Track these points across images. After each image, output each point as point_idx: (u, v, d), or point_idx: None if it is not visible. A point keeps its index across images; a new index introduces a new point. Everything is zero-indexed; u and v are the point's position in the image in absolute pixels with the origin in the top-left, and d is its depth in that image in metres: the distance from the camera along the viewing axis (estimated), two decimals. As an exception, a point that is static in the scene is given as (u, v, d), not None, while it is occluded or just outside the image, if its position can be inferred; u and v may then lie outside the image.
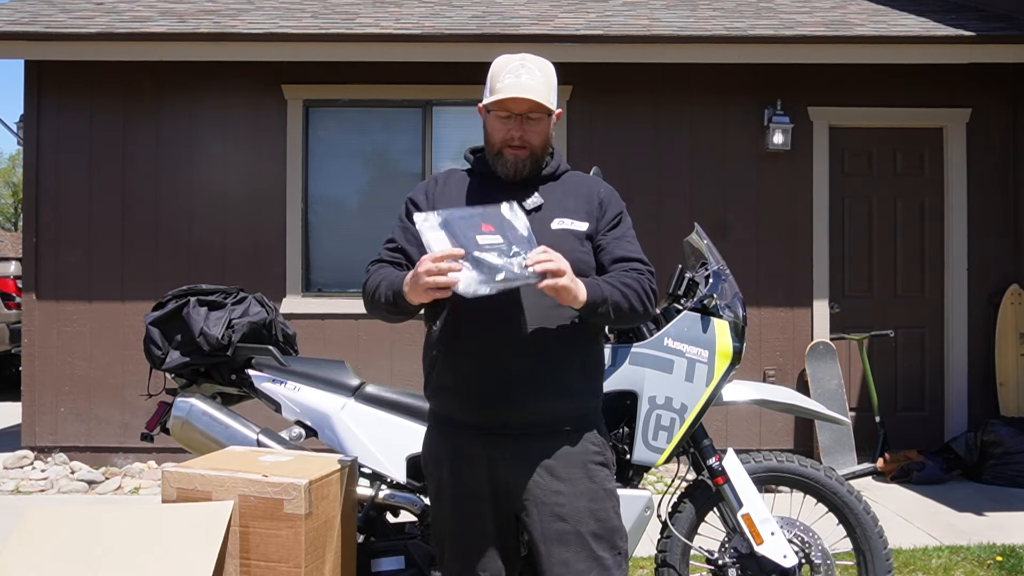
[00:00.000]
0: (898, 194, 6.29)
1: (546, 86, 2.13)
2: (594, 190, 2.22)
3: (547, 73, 2.17)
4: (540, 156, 2.17)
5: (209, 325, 2.87)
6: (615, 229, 2.18)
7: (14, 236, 27.30)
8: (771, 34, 5.77)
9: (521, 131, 2.12)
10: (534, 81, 2.11)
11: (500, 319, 2.02)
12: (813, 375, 5.88)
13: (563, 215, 2.12)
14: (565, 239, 2.08)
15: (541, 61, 2.18)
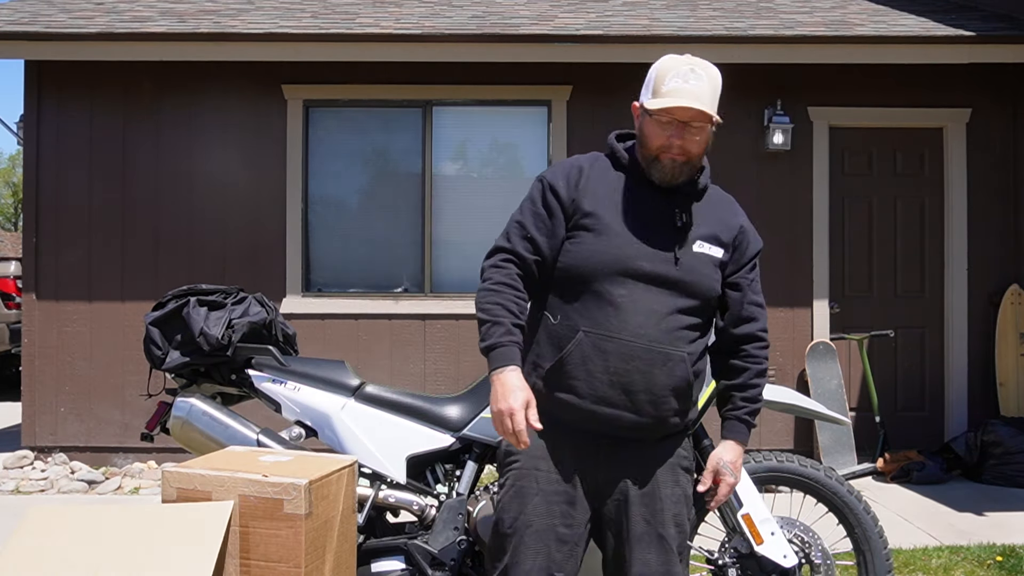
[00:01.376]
0: (898, 194, 6.29)
1: (712, 94, 2.06)
2: (736, 220, 2.23)
3: (714, 80, 2.08)
4: (696, 165, 2.13)
5: (209, 325, 2.87)
6: (753, 271, 2.23)
7: (14, 236, 27.30)
8: (771, 34, 5.77)
9: (681, 139, 2.06)
10: (701, 88, 2.04)
11: (630, 324, 2.03)
12: (813, 375, 5.88)
13: (705, 239, 2.13)
14: (704, 263, 2.11)
15: (708, 67, 2.09)
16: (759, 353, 2.19)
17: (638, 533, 2.06)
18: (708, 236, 2.13)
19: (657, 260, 2.06)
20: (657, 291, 2.05)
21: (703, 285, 2.09)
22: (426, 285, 6.10)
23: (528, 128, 6.22)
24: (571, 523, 2.07)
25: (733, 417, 2.17)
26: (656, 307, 2.04)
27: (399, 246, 6.16)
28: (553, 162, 6.11)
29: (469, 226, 6.18)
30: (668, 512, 2.09)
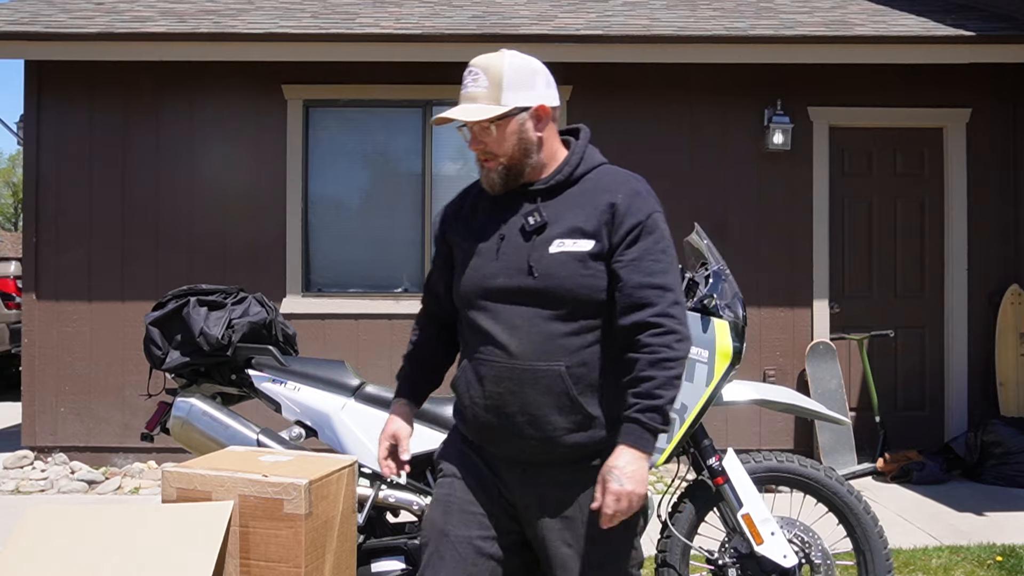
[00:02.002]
0: (898, 194, 6.29)
1: (492, 89, 1.90)
2: (609, 196, 1.91)
3: (494, 73, 1.91)
4: (517, 163, 1.93)
5: (209, 325, 2.87)
6: (632, 247, 1.87)
7: (14, 236, 27.30)
8: (771, 34, 5.77)
9: (480, 144, 1.92)
10: (476, 90, 1.91)
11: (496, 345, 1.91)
12: (813, 375, 5.88)
13: (565, 234, 1.88)
14: (564, 263, 1.86)
15: (490, 60, 1.94)
16: (654, 341, 1.82)
17: (561, 558, 1.91)
18: (568, 231, 1.88)
19: (512, 273, 1.89)
20: (518, 306, 1.88)
21: (566, 288, 1.85)
22: (426, 285, 6.09)
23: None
24: (490, 536, 1.94)
25: (625, 418, 1.82)
26: (518, 323, 1.88)
27: (399, 246, 6.16)
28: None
29: (469, 226, 6.17)
30: (594, 535, 1.90)
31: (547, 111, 1.95)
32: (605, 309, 1.88)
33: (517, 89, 1.91)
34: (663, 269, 1.87)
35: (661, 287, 1.85)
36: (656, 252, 1.88)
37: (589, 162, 1.99)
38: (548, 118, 1.97)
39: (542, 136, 1.96)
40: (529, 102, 1.92)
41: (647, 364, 1.81)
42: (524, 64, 1.95)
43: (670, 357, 1.82)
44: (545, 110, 1.95)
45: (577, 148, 2.01)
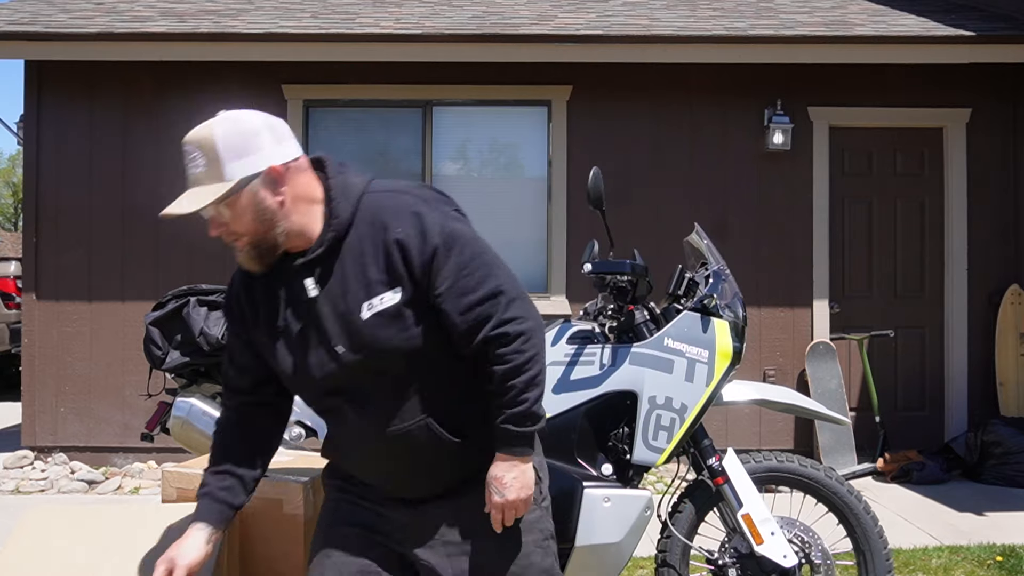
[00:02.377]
0: (898, 194, 6.29)
1: (211, 167, 1.63)
2: (391, 232, 1.68)
3: (208, 148, 1.63)
4: (263, 237, 1.68)
5: (209, 325, 2.87)
6: (439, 275, 1.68)
7: (14, 236, 27.29)
8: (771, 34, 5.77)
9: (220, 227, 1.69)
10: (198, 171, 1.65)
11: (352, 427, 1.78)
12: (813, 375, 5.88)
13: (366, 295, 1.68)
14: (381, 327, 1.68)
15: (200, 134, 1.65)
16: (503, 351, 1.70)
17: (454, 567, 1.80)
18: (367, 291, 1.69)
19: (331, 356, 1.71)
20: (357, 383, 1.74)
21: (393, 348, 1.68)
22: (426, 285, 6.08)
23: (528, 128, 6.22)
24: (375, 557, 1.82)
25: (496, 427, 1.73)
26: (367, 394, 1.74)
27: (399, 246, 6.15)
28: (553, 162, 6.12)
29: (469, 226, 6.17)
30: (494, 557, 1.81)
31: (278, 172, 1.66)
32: (443, 344, 1.73)
33: (237, 158, 1.63)
34: (481, 277, 1.71)
35: (487, 296, 1.71)
36: (466, 266, 1.70)
37: (349, 200, 1.73)
38: (284, 178, 1.67)
39: (283, 199, 1.68)
40: (256, 168, 1.64)
41: (503, 375, 1.71)
42: (240, 128, 1.65)
43: (523, 361, 1.71)
44: (276, 171, 1.66)
45: (333, 193, 1.73)
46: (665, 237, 5.86)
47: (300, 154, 1.73)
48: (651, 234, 5.94)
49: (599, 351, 2.64)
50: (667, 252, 4.61)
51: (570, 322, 2.75)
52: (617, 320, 2.71)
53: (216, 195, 1.62)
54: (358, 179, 1.80)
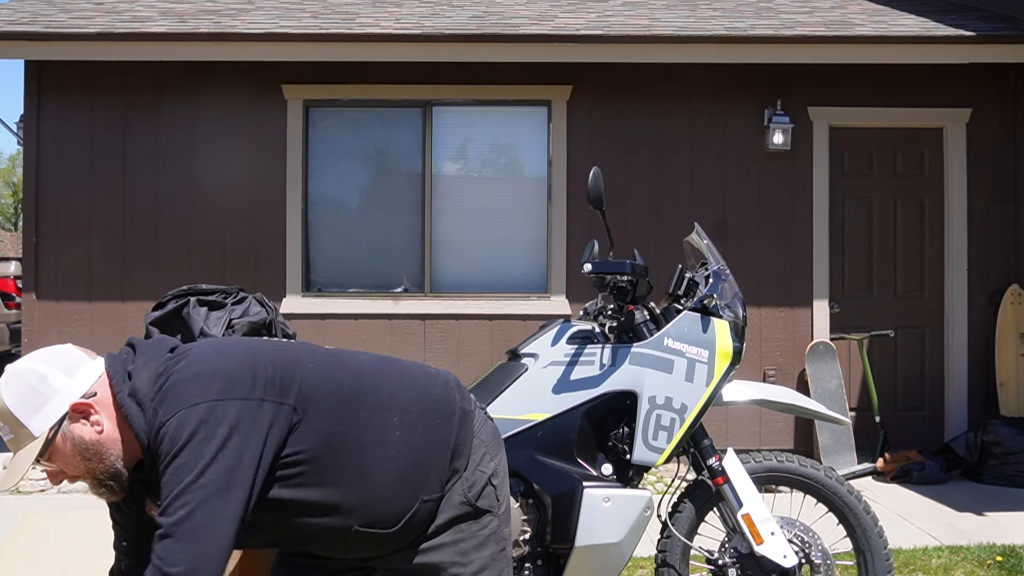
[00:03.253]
0: (898, 194, 6.28)
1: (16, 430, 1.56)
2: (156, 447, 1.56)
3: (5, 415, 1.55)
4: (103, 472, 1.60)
5: (209, 325, 2.87)
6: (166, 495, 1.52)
7: (14, 236, 27.29)
8: (771, 34, 5.77)
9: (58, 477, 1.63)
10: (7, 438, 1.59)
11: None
12: (813, 375, 5.88)
13: None
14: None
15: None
16: None
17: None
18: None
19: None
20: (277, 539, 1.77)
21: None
22: (426, 285, 6.10)
23: (528, 128, 6.22)
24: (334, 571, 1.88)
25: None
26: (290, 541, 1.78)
27: (399, 246, 6.16)
28: (553, 162, 6.12)
29: (469, 226, 6.18)
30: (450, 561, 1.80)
31: (83, 406, 1.58)
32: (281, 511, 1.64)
33: (35, 411, 1.56)
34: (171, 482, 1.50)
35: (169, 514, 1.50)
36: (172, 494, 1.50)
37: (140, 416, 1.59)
38: (90, 408, 1.59)
39: (101, 428, 1.59)
40: (59, 412, 1.57)
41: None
42: (25, 381, 1.57)
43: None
44: (78, 407, 1.57)
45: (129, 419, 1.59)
46: (665, 237, 5.87)
47: (100, 371, 1.63)
48: (651, 234, 5.95)
49: (599, 351, 2.64)
50: (667, 252, 4.61)
51: (570, 322, 2.75)
52: (617, 320, 2.71)
53: (34, 455, 1.55)
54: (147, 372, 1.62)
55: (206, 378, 1.56)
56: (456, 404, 1.83)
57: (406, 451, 1.72)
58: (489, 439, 1.87)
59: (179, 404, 1.53)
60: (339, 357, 1.77)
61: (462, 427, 1.81)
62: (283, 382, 1.61)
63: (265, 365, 1.62)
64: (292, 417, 1.60)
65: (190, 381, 1.56)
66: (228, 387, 1.55)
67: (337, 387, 1.68)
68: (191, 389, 1.54)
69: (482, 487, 1.80)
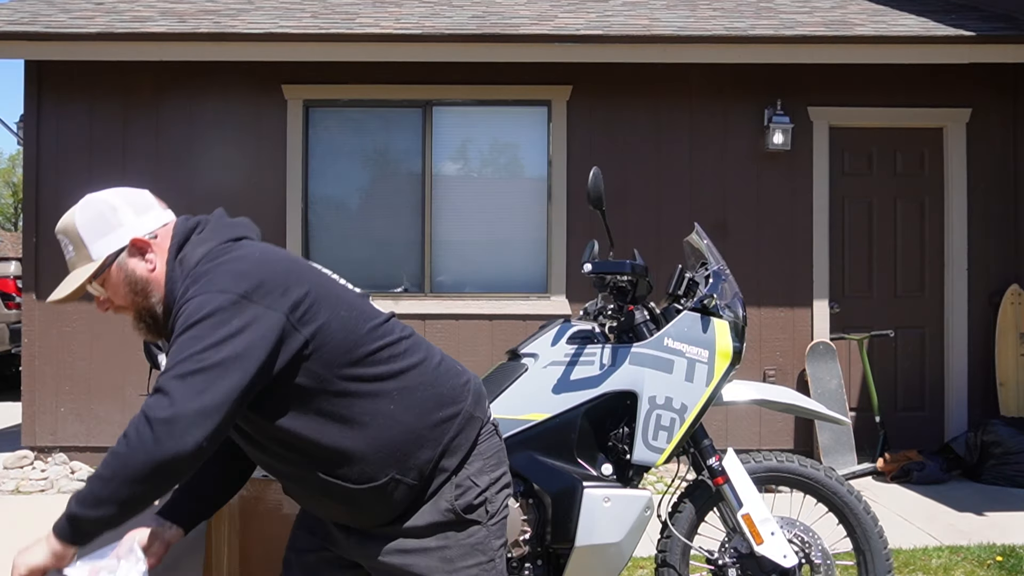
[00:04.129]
0: (898, 194, 6.29)
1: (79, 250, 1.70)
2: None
3: (72, 234, 1.71)
4: (142, 308, 1.72)
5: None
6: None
7: (14, 236, 27.29)
8: (771, 34, 5.77)
9: (103, 305, 1.76)
10: (70, 257, 1.73)
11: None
12: (813, 375, 5.88)
13: None
14: None
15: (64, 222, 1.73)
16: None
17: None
18: None
19: None
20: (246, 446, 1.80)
21: None
22: (426, 285, 6.10)
23: (528, 128, 6.22)
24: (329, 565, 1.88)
25: None
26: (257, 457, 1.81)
27: (399, 246, 6.16)
28: (553, 162, 6.12)
29: (469, 226, 6.18)
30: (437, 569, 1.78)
31: (143, 242, 1.70)
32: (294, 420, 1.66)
33: (100, 236, 1.70)
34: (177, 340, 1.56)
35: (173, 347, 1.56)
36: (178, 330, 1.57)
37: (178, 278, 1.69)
38: (150, 247, 1.71)
39: (154, 268, 1.71)
40: (120, 243, 1.70)
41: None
42: (98, 208, 1.72)
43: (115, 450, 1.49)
44: (140, 242, 1.70)
45: (167, 273, 1.71)
46: (665, 237, 5.87)
47: (169, 220, 1.76)
48: (651, 234, 5.95)
49: (599, 351, 2.64)
50: (667, 252, 4.61)
51: (570, 322, 2.75)
52: (617, 320, 2.71)
53: (87, 275, 1.68)
54: (201, 251, 1.70)
55: (242, 275, 1.61)
56: (465, 407, 1.82)
57: (392, 426, 1.72)
58: (490, 452, 1.86)
59: (208, 287, 1.59)
60: (377, 320, 1.77)
61: (462, 430, 1.80)
62: (308, 313, 1.64)
63: (301, 287, 1.66)
64: (301, 348, 1.62)
65: (227, 272, 1.61)
66: (258, 291, 1.59)
67: (353, 345, 1.69)
68: (224, 279, 1.60)
69: (472, 498, 1.79)
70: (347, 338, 1.69)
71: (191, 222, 1.77)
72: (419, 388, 1.76)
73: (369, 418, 1.70)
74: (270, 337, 1.57)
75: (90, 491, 1.49)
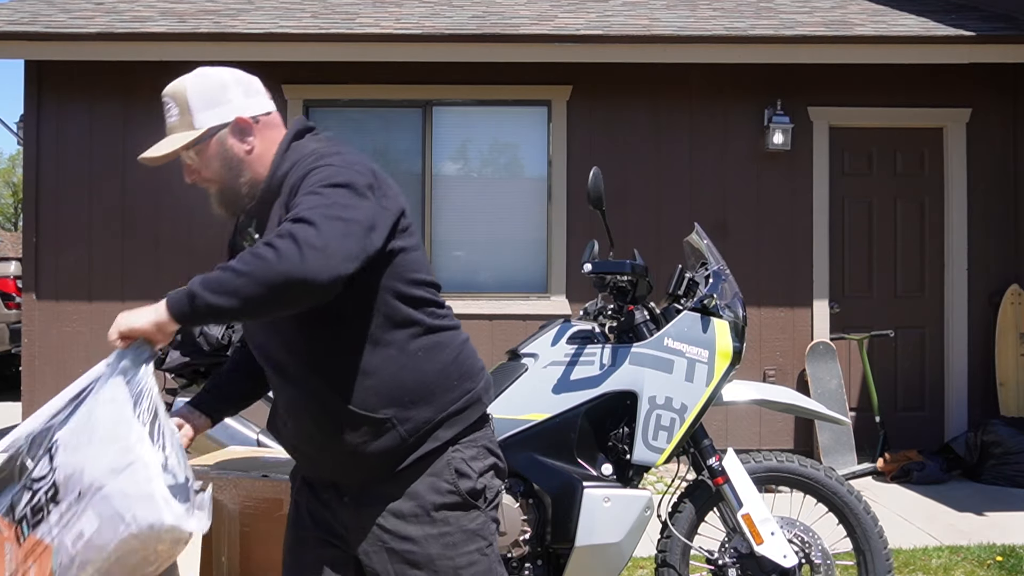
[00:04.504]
0: (898, 194, 6.29)
1: (183, 116, 1.77)
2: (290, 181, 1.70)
3: (180, 99, 1.78)
4: (228, 185, 1.80)
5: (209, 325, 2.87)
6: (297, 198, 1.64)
7: (14, 236, 27.29)
8: (771, 34, 5.77)
9: (191, 174, 1.84)
10: (172, 120, 1.80)
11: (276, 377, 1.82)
12: (813, 375, 5.88)
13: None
14: None
15: (175, 87, 1.81)
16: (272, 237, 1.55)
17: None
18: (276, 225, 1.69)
19: None
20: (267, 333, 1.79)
21: None
22: (426, 285, 6.09)
23: (528, 128, 6.22)
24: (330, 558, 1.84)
25: None
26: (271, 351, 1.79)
27: (399, 246, 6.15)
28: (553, 162, 6.12)
29: (469, 226, 6.18)
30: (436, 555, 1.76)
31: (246, 122, 1.76)
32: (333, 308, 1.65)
33: (207, 108, 1.76)
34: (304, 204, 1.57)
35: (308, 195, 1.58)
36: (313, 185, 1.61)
37: (291, 160, 1.75)
38: (252, 129, 1.77)
39: (251, 149, 1.77)
40: (224, 118, 1.75)
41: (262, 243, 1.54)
42: (210, 81, 1.79)
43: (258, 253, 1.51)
44: (244, 122, 1.75)
45: (277, 152, 1.78)
46: (665, 237, 5.87)
47: (272, 110, 1.82)
48: (651, 234, 5.94)
49: (599, 351, 2.65)
50: (667, 252, 4.61)
51: (570, 322, 2.75)
52: (617, 320, 2.71)
53: (185, 141, 1.74)
54: (317, 145, 1.77)
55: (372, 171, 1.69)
56: (478, 387, 1.84)
57: (413, 368, 1.73)
58: (484, 441, 1.86)
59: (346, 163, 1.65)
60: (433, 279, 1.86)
61: (468, 407, 1.81)
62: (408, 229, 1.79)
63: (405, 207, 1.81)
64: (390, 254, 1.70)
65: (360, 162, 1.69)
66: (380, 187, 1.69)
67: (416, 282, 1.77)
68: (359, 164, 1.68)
69: (473, 483, 1.79)
70: (415, 272, 1.76)
71: (309, 123, 1.85)
72: (447, 349, 1.80)
73: (396, 351, 1.72)
74: (389, 227, 1.68)
75: (219, 279, 1.52)
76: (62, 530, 1.55)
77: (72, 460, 1.57)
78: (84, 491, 1.54)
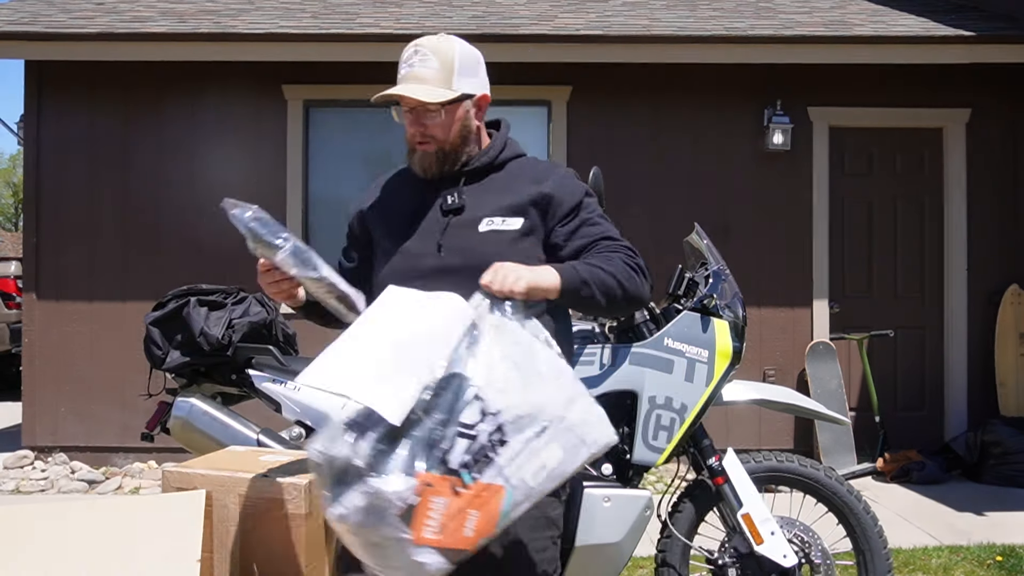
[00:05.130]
0: (898, 194, 6.29)
1: (442, 72, 1.90)
2: (539, 186, 1.95)
3: (445, 57, 1.90)
4: (452, 150, 1.96)
5: (209, 325, 2.87)
6: (570, 222, 1.96)
7: (14, 236, 27.30)
8: (771, 34, 5.77)
9: (421, 126, 1.93)
10: (425, 71, 1.89)
11: None
12: (813, 375, 5.88)
13: (495, 214, 1.93)
14: (491, 242, 1.90)
15: (440, 43, 1.93)
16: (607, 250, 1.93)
17: None
18: (498, 211, 1.93)
19: (439, 254, 1.92)
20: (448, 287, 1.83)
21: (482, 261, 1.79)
22: (426, 285, 6.09)
23: (528, 128, 6.22)
24: None
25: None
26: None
27: (399, 246, 6.15)
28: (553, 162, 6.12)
29: (469, 226, 6.18)
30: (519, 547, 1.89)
31: (488, 101, 2.01)
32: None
33: (466, 75, 1.94)
34: (606, 228, 1.98)
35: (609, 237, 1.97)
36: (594, 218, 1.99)
37: (512, 151, 2.05)
38: (485, 109, 2.02)
39: (479, 126, 2.02)
40: (475, 90, 1.97)
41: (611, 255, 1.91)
42: (472, 52, 1.98)
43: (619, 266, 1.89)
44: (487, 99, 2.01)
45: (500, 136, 2.06)
46: (665, 237, 5.86)
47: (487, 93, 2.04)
48: (651, 234, 5.94)
49: (599, 351, 2.65)
50: (667, 252, 4.60)
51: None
52: (617, 320, 2.71)
53: (447, 96, 1.89)
54: (522, 148, 2.11)
55: None
56: None
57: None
58: None
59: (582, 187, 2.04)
60: None
61: None
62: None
63: None
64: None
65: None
66: None
67: None
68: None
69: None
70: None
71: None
72: None
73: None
74: None
75: (604, 281, 1.85)
76: (519, 468, 1.61)
77: (520, 400, 1.63)
78: (547, 425, 1.63)
